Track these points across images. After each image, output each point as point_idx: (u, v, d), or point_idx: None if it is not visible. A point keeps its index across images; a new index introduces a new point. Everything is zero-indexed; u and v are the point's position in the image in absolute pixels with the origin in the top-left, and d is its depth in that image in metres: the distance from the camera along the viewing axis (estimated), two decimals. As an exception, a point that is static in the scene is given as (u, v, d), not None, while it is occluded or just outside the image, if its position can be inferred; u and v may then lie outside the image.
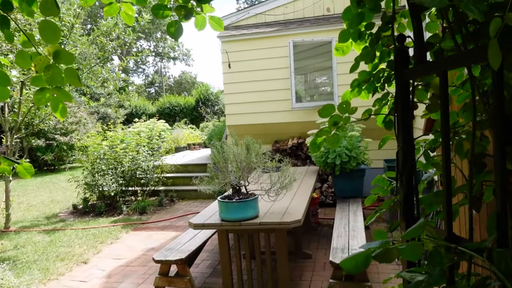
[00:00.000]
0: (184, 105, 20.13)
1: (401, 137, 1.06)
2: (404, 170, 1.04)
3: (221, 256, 3.40)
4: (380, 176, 1.37)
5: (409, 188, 1.03)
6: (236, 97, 7.16)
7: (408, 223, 1.04)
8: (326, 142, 1.26)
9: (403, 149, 1.05)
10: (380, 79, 1.28)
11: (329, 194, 6.69)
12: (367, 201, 1.41)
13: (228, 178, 3.13)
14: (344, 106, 1.22)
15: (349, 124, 5.22)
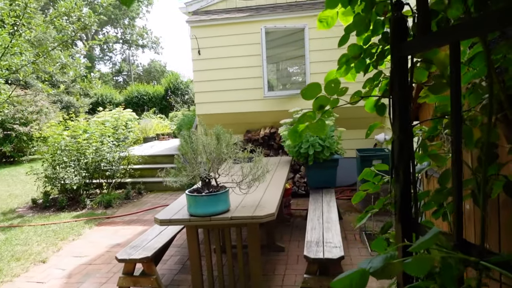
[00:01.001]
0: (153, 94, 19.53)
1: (398, 124, 0.90)
2: (400, 163, 0.89)
3: (190, 252, 3.20)
4: (369, 169, 1.21)
5: (406, 185, 0.88)
6: (206, 85, 6.90)
7: (405, 225, 0.89)
8: (310, 130, 1.09)
9: (399, 138, 0.90)
10: (373, 55, 1.11)
11: (302, 185, 6.61)
12: (354, 199, 1.25)
13: (197, 170, 2.92)
14: (333, 86, 1.04)
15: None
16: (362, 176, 1.22)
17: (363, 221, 1.10)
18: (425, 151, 1.04)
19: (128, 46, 38.15)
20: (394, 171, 0.91)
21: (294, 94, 6.67)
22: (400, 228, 0.90)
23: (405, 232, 0.89)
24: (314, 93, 1.05)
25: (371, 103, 1.14)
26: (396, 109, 0.90)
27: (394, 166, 0.91)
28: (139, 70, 38.66)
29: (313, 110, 1.07)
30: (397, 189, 0.89)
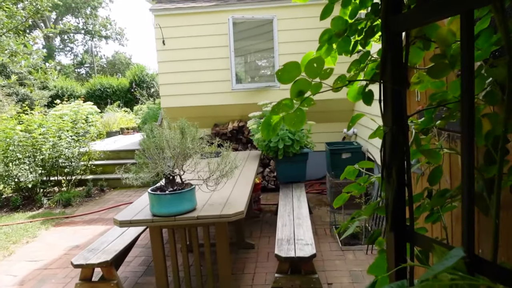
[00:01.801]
0: (117, 87, 18.78)
1: (390, 114, 0.76)
2: (393, 161, 0.75)
3: (154, 254, 3.00)
4: (352, 168, 1.07)
5: (400, 186, 0.75)
6: (171, 77, 6.62)
7: (399, 234, 0.76)
8: (285, 122, 0.93)
9: (392, 131, 0.76)
10: (360, 32, 0.95)
11: (271, 179, 6.50)
12: (336, 202, 1.11)
13: (160, 167, 2.71)
14: (315, 66, 0.87)
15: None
16: (344, 175, 1.09)
17: (350, 230, 0.96)
18: (418, 146, 0.91)
19: (91, 37, 36.60)
20: (385, 171, 0.78)
21: (263, 87, 6.53)
22: (392, 238, 0.77)
23: (398, 242, 0.77)
24: (292, 75, 0.88)
25: (354, 91, 1.00)
26: (388, 96, 0.76)
27: (385, 164, 0.78)
28: (102, 62, 37.23)
29: (290, 97, 0.91)
30: (389, 191, 0.76)
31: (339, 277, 3.45)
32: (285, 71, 0.88)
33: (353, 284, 3.32)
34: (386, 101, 0.78)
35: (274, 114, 0.93)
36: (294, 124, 0.92)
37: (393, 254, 0.77)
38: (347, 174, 1.08)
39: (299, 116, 0.92)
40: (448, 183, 1.19)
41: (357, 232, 4.35)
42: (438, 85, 0.88)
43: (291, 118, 0.93)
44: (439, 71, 0.80)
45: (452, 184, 1.16)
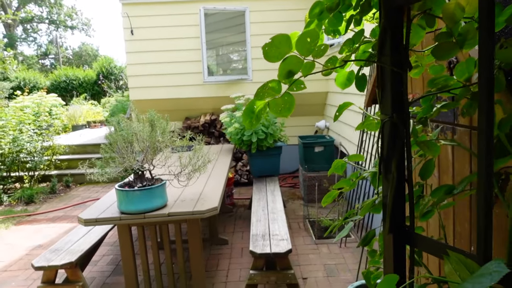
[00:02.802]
0: (84, 79, 18.07)
1: (390, 100, 0.69)
2: (393, 154, 0.68)
3: (123, 252, 2.85)
4: (341, 162, 1.00)
5: (400, 183, 0.68)
6: (141, 69, 6.38)
7: (398, 236, 0.70)
8: (271, 108, 0.83)
9: (392, 120, 0.69)
10: (357, 6, 0.84)
11: (244, 173, 6.42)
12: (324, 200, 1.03)
13: (128, 162, 2.57)
14: (308, 41, 0.75)
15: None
16: (332, 170, 1.01)
17: (346, 232, 0.89)
18: (415, 137, 0.84)
19: (55, 27, 35.03)
20: (382, 165, 0.71)
21: (235, 80, 6.41)
22: (391, 240, 0.70)
23: (398, 244, 0.70)
24: (281, 50, 0.77)
25: (343, 76, 0.91)
26: (386, 80, 0.69)
27: (383, 158, 0.71)
28: (68, 53, 35.76)
29: (278, 79, 0.81)
30: (388, 188, 0.69)
31: (313, 271, 3.43)
32: (273, 46, 0.77)
33: (328, 278, 3.30)
34: (384, 86, 0.70)
35: (258, 99, 0.83)
36: (280, 111, 0.82)
37: (392, 258, 0.70)
38: (335, 169, 1.01)
39: (287, 102, 0.82)
40: (436, 177, 1.15)
41: (330, 225, 4.35)
42: (438, 70, 0.82)
43: (277, 104, 0.82)
44: (445, 52, 0.72)
45: (441, 178, 1.12)
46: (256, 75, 6.40)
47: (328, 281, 3.26)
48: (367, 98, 1.53)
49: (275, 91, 0.80)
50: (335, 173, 0.99)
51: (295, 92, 0.83)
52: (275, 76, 0.78)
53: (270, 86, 0.80)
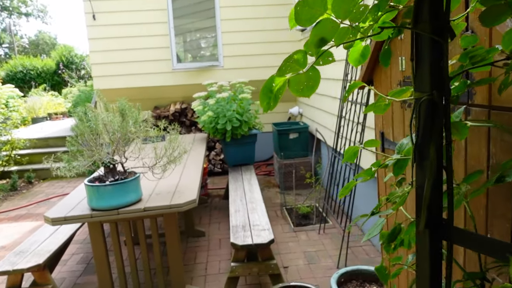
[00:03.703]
0: (43, 69, 17.11)
1: (428, 75, 0.60)
2: (430, 138, 0.59)
3: (94, 250, 2.68)
4: (355, 148, 0.90)
5: (438, 171, 0.60)
6: (105, 56, 6.05)
7: (435, 231, 0.61)
8: (291, 86, 0.70)
9: (431, 98, 0.59)
10: None
11: (218, 162, 6.29)
12: (342, 192, 0.93)
13: (98, 154, 2.39)
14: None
15: (239, 85, 4.75)
16: (346, 158, 0.91)
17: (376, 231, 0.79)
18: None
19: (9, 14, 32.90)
20: (417, 151, 0.62)
21: (206, 66, 6.22)
22: (428, 236, 0.62)
23: (434, 241, 0.62)
24: (314, 12, 0.63)
25: (357, 52, 0.79)
26: (424, 51, 0.59)
27: (417, 143, 0.62)
28: (24, 42, 33.79)
29: (305, 49, 0.69)
30: (423, 177, 0.60)
31: (294, 259, 3.39)
32: (306, 5, 0.61)
33: (308, 266, 3.27)
34: (421, 59, 0.60)
35: (279, 75, 0.70)
36: (302, 90, 0.70)
37: (428, 256, 0.62)
38: (348, 157, 0.91)
39: (311, 78, 0.69)
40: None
41: (308, 212, 4.33)
42: (471, 41, 0.74)
43: (300, 81, 0.69)
44: (495, 16, 0.63)
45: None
46: (227, 62, 6.24)
47: (309, 269, 3.23)
48: (360, 78, 1.45)
49: (300, 65, 0.68)
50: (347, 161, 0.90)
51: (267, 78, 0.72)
52: (248, 63, 0.68)
53: (295, 59, 0.68)
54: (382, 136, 1.40)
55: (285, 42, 6.21)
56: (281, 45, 6.21)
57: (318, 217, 4.24)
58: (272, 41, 6.20)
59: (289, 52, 0.86)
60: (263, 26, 6.15)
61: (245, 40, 6.18)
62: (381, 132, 1.40)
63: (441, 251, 0.63)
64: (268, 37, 6.18)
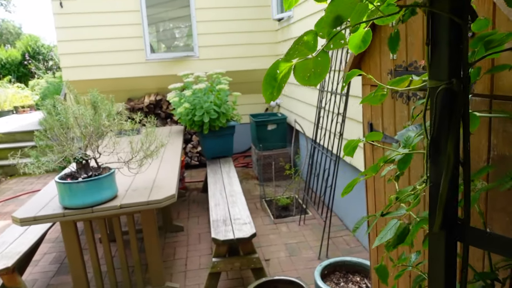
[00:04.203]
0: (7, 60, 16.29)
1: (446, 61, 0.54)
2: (447, 131, 0.54)
3: (68, 249, 2.56)
4: (356, 142, 0.84)
5: (455, 167, 0.55)
6: (74, 46, 5.78)
7: (451, 233, 0.57)
8: (297, 73, 0.62)
9: (451, 87, 0.54)
10: None
11: (195, 155, 6.18)
12: (345, 191, 0.87)
13: (69, 150, 2.25)
14: None
15: (216, 76, 4.64)
16: (347, 152, 0.85)
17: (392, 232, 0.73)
18: None
19: (-33, 1, 31.12)
20: (431, 145, 0.57)
21: (181, 57, 6.05)
22: (443, 237, 0.57)
23: (450, 242, 0.58)
24: None
25: (358, 37, 0.72)
26: (442, 33, 0.54)
27: (432, 136, 0.56)
28: (-15, 31, 32.10)
29: (316, 29, 0.61)
30: (439, 174, 0.55)
31: (275, 252, 3.36)
32: None
33: (290, 258, 3.25)
34: (438, 42, 0.55)
35: (285, 60, 0.62)
36: (309, 78, 0.62)
37: (443, 259, 0.58)
38: (348, 151, 0.85)
39: (319, 64, 0.61)
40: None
41: (288, 204, 4.31)
42: (482, 24, 0.68)
43: (307, 67, 0.61)
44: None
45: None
46: (203, 52, 6.09)
47: (291, 261, 3.21)
48: (348, 67, 1.40)
49: (309, 49, 0.61)
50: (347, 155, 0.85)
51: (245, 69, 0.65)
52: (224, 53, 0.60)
53: (304, 41, 0.60)
54: (370, 127, 1.36)
55: (262, 32, 6.12)
56: (258, 35, 6.12)
57: (298, 209, 4.23)
58: (249, 31, 6.09)
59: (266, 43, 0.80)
60: (239, 16, 6.03)
61: (221, 29, 6.05)
62: (370, 123, 1.37)
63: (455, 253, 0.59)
64: (245, 27, 6.07)
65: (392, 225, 0.65)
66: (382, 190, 1.36)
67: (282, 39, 5.79)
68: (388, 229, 0.65)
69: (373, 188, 1.44)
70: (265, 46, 6.17)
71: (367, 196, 1.48)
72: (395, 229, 0.64)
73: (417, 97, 1.11)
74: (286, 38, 5.53)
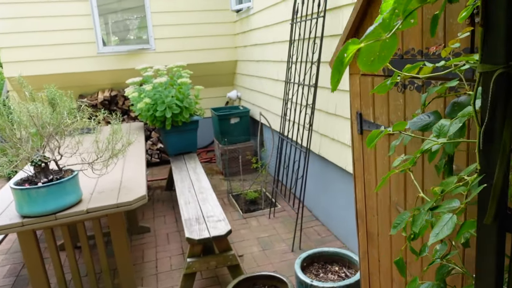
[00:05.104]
0: None
1: (503, 43, 0.49)
2: (504, 118, 0.50)
3: (28, 261, 2.35)
4: (377, 132, 0.79)
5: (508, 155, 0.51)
6: (16, 39, 5.31)
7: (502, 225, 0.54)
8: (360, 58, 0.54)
9: (508, 70, 0.50)
10: None
11: (155, 152, 5.96)
12: (379, 187, 0.82)
13: (25, 152, 2.05)
14: None
15: (176, 69, 4.46)
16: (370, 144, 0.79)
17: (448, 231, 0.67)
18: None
19: None
20: (483, 133, 0.53)
21: (136, 50, 5.77)
22: (495, 229, 0.54)
23: (501, 234, 0.55)
24: None
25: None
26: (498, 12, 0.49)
27: (486, 125, 0.53)
28: None
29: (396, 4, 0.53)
30: (491, 164, 0.52)
31: (248, 247, 3.32)
32: None
33: (264, 252, 3.22)
34: (493, 23, 0.50)
35: (354, 42, 0.55)
36: (372, 62, 0.55)
37: (494, 254, 0.55)
38: (371, 142, 0.81)
39: (385, 47, 0.54)
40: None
41: (256, 197, 4.28)
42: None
43: (372, 50, 0.54)
44: None
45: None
46: (159, 44, 5.85)
47: (265, 255, 3.18)
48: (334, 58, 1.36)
49: (384, 28, 0.54)
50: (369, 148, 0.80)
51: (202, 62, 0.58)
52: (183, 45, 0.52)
53: (384, 19, 0.52)
54: (360, 117, 1.34)
55: (220, 23, 5.98)
56: (216, 26, 5.98)
57: (266, 202, 4.20)
58: (206, 22, 5.93)
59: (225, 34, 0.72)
60: (196, 7, 5.85)
61: (178, 21, 5.84)
62: (359, 112, 1.34)
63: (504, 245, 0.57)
64: (202, 18, 5.90)
65: (448, 220, 0.62)
66: (374, 182, 1.35)
67: (240, 31, 5.70)
68: (443, 224, 0.62)
69: (362, 180, 1.42)
70: (223, 38, 6.04)
71: (356, 188, 1.47)
72: (452, 223, 0.61)
73: (414, 85, 1.09)
74: (245, 30, 5.45)
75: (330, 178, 3.36)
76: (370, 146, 0.80)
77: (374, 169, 1.32)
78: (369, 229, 1.46)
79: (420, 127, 0.81)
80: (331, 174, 3.31)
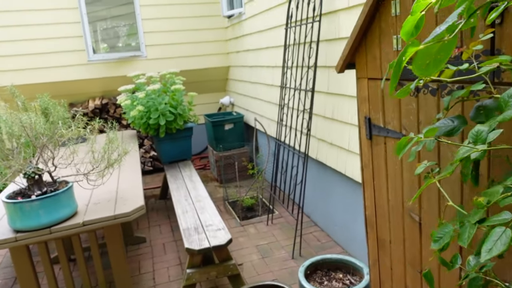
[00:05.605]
0: None
1: None
2: None
3: (20, 277, 2.26)
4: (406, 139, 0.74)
5: None
6: (3, 47, 5.20)
7: None
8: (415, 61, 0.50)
9: None
10: None
11: (148, 160, 5.87)
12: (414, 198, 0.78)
13: (18, 165, 1.97)
14: None
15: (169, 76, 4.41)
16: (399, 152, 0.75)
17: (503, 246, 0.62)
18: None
19: None
20: None
21: (127, 57, 5.70)
22: None
23: None
24: None
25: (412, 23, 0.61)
26: None
27: None
28: None
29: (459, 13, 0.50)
30: None
31: (247, 255, 3.26)
32: None
33: (263, 260, 3.16)
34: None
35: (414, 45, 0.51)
36: (427, 66, 0.51)
37: None
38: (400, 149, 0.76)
39: (445, 48, 0.50)
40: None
41: (253, 204, 4.22)
42: None
43: (430, 52, 0.50)
44: None
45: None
46: (151, 51, 5.79)
47: (265, 263, 3.12)
48: (341, 62, 1.33)
49: (449, 30, 0.50)
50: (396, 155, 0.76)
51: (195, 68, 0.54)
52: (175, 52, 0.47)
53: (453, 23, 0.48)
54: (369, 122, 1.30)
55: (211, 29, 5.95)
56: (207, 32, 5.94)
57: (263, 208, 4.15)
58: (198, 29, 5.89)
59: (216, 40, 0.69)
60: (187, 13, 5.81)
61: (169, 27, 5.78)
62: (367, 117, 1.31)
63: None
64: (193, 24, 5.86)
65: (501, 234, 0.58)
66: (384, 187, 1.31)
67: (232, 37, 5.67)
68: (496, 239, 0.58)
69: (372, 185, 1.38)
70: (215, 44, 6.01)
71: (365, 194, 1.43)
72: (507, 238, 0.57)
73: (428, 89, 1.06)
74: (237, 35, 5.42)
75: (328, 183, 3.32)
76: (399, 154, 0.76)
77: (385, 175, 1.28)
78: (380, 236, 1.42)
79: (445, 132, 0.77)
80: (329, 178, 3.27)
